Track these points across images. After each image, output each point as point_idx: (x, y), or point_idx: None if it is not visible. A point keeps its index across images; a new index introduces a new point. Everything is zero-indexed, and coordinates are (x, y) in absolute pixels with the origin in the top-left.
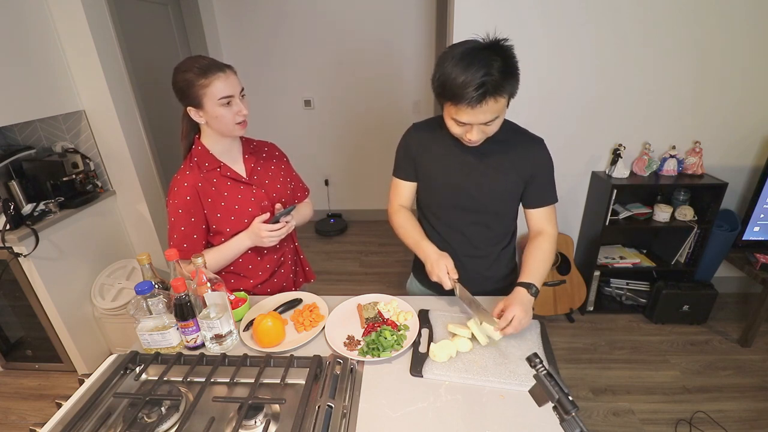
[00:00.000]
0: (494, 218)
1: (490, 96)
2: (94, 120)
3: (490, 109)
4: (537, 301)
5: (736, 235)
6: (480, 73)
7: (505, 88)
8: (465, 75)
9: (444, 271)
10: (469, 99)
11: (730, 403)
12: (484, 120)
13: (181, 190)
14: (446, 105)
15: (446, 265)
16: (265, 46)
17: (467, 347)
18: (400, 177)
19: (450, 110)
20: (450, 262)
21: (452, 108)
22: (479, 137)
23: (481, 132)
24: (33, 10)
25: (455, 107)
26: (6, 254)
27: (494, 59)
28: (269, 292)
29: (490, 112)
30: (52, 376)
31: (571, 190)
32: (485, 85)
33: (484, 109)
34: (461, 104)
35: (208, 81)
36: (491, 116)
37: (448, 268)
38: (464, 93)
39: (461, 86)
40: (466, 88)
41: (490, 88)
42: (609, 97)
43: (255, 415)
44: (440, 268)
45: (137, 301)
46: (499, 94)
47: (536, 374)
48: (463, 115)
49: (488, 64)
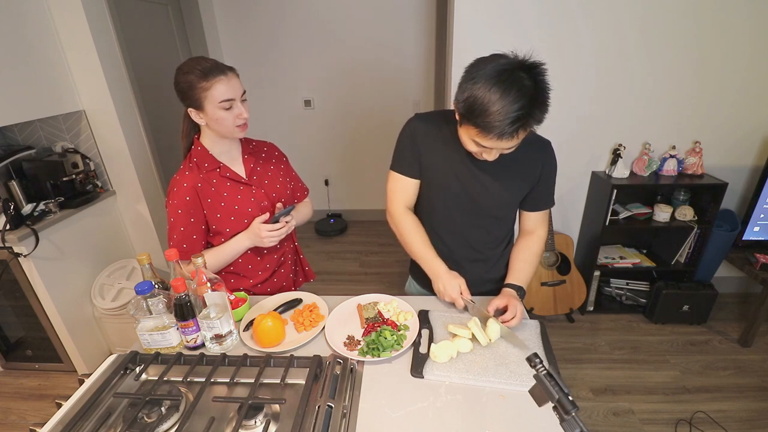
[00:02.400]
0: (496, 222)
1: (522, 130)
2: (94, 120)
3: (518, 140)
4: (537, 301)
5: (736, 235)
6: (516, 105)
7: (537, 119)
8: (500, 104)
9: (457, 291)
10: (501, 132)
11: (730, 403)
12: (508, 147)
13: (180, 191)
14: (468, 126)
15: (460, 285)
16: (265, 45)
17: (468, 348)
18: (404, 173)
19: (471, 131)
20: (463, 282)
21: (474, 131)
22: (496, 157)
23: (499, 153)
24: (33, 10)
25: (481, 134)
26: (6, 254)
27: (527, 84)
28: (269, 291)
29: (517, 142)
30: (52, 376)
31: (571, 190)
32: (520, 120)
33: (513, 141)
34: (491, 135)
35: (209, 84)
36: (516, 144)
37: (461, 288)
38: (496, 125)
39: (494, 116)
40: (498, 120)
41: (524, 123)
42: (609, 97)
43: (255, 415)
44: (453, 288)
45: (137, 301)
46: (530, 126)
47: (536, 374)
48: (487, 142)
49: (524, 94)
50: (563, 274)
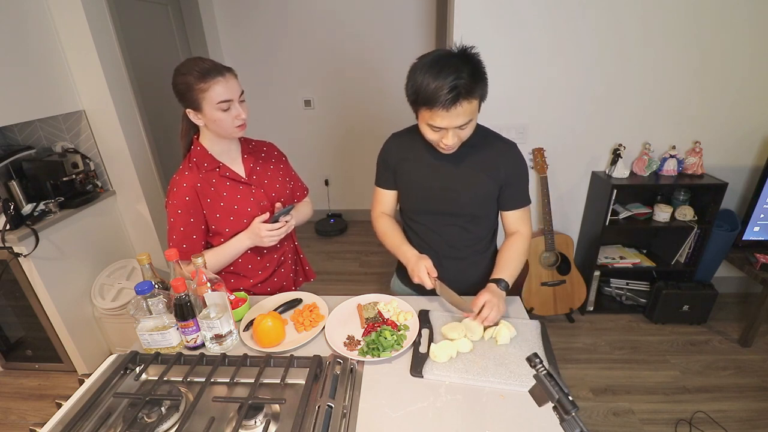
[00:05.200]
0: (471, 221)
1: (463, 98)
2: (94, 120)
3: (464, 111)
4: (537, 301)
5: (736, 235)
6: (451, 77)
7: (476, 90)
8: (437, 80)
9: (424, 271)
10: (443, 102)
11: (730, 403)
12: (458, 123)
13: (180, 191)
14: (421, 111)
15: (425, 266)
16: (265, 45)
17: (468, 348)
18: (381, 186)
19: (425, 116)
20: (429, 262)
21: (427, 113)
22: (454, 142)
23: (456, 136)
24: (33, 10)
25: (430, 112)
26: (6, 254)
27: (463, 65)
28: (269, 291)
29: (464, 114)
30: (52, 376)
31: (571, 190)
32: (457, 87)
33: (459, 111)
34: (436, 107)
35: (207, 85)
36: (465, 119)
37: (427, 268)
38: (438, 96)
39: (434, 90)
40: (439, 92)
41: (462, 90)
42: (609, 97)
43: (255, 415)
44: (420, 269)
45: (137, 301)
46: (471, 96)
47: (536, 374)
48: (438, 119)
49: (458, 69)
50: (563, 274)
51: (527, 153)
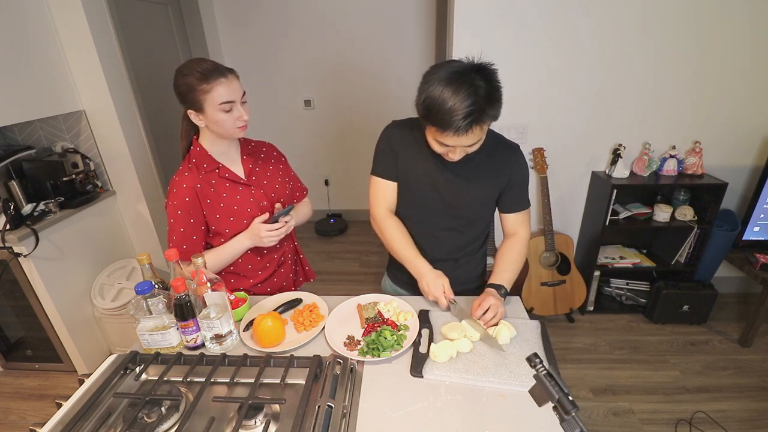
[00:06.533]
0: (468, 224)
1: (476, 124)
2: (94, 120)
3: (476, 135)
4: (537, 301)
5: (736, 235)
6: (467, 101)
7: (490, 114)
8: (453, 101)
9: (441, 291)
10: (456, 128)
11: (730, 403)
12: (467, 143)
13: (180, 192)
14: (429, 126)
15: (443, 285)
16: (265, 45)
17: (468, 348)
18: (383, 175)
19: (433, 132)
20: (446, 282)
21: (436, 132)
22: (461, 156)
23: (464, 152)
24: (33, 10)
25: (440, 132)
26: (6, 254)
27: (480, 84)
28: (269, 291)
29: (475, 137)
30: (52, 376)
31: (571, 190)
32: (472, 114)
33: (470, 136)
34: (447, 131)
35: (209, 86)
36: (475, 140)
37: (444, 287)
38: (451, 121)
39: (448, 113)
40: (452, 116)
41: (476, 117)
42: (609, 97)
43: (255, 415)
44: (437, 288)
45: (137, 301)
46: (484, 121)
47: (536, 374)
48: (447, 140)
49: (475, 91)
50: (563, 274)
51: (527, 153)
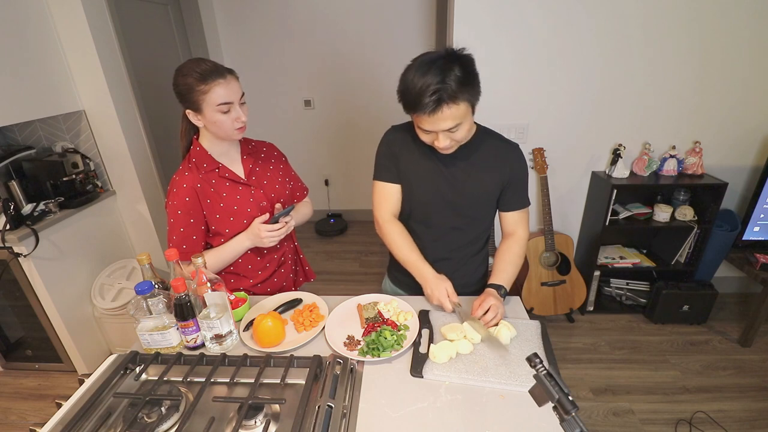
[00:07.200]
0: (471, 223)
1: (445, 103)
2: (94, 120)
3: (449, 116)
4: (537, 301)
5: (736, 235)
6: (435, 79)
7: (461, 94)
8: (421, 81)
9: (445, 294)
10: (424, 106)
11: (730, 403)
12: (444, 127)
13: (180, 192)
14: (411, 114)
15: (446, 289)
16: (266, 45)
17: (468, 348)
18: (385, 179)
19: (414, 119)
20: (450, 286)
21: (415, 117)
22: (447, 144)
23: (448, 138)
24: (33, 10)
25: (416, 116)
26: (6, 254)
27: (452, 67)
28: (269, 291)
29: (449, 119)
30: (52, 376)
31: (571, 190)
32: (439, 92)
33: (443, 116)
34: (419, 112)
35: (207, 87)
36: (451, 123)
37: (448, 291)
38: (420, 101)
39: (417, 94)
40: (421, 96)
41: (444, 95)
42: (609, 97)
43: (255, 415)
44: (441, 291)
45: (137, 301)
46: (455, 101)
47: (536, 374)
48: (423, 123)
49: (444, 72)
50: (563, 274)
51: (527, 153)
